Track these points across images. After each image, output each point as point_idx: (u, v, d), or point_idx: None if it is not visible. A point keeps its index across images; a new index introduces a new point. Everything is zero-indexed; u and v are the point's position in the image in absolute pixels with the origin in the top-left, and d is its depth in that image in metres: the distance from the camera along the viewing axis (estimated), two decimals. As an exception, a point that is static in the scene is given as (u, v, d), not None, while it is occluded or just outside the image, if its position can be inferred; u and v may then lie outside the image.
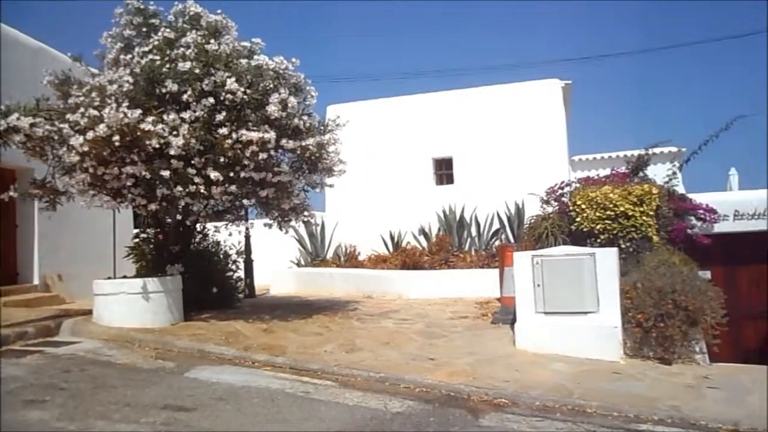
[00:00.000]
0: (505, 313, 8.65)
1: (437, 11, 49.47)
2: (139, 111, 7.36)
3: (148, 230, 10.13)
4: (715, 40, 40.18)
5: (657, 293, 7.35)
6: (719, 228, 11.21)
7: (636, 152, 11.72)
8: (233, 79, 7.81)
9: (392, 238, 13.71)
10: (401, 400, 5.76)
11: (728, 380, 6.53)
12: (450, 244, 12.92)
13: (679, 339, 7.18)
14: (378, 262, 12.99)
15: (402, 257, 12.47)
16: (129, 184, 8.00)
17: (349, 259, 13.46)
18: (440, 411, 5.54)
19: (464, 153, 15.56)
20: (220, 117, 7.83)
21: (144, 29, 8.58)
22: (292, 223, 9.99)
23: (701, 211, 10.85)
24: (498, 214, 13.11)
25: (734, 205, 11.38)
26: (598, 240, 9.27)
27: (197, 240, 10.38)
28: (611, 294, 7.43)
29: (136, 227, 11.43)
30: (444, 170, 16.00)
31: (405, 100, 16.28)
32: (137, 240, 10.28)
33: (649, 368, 6.96)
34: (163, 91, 7.83)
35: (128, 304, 8.01)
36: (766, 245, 11.41)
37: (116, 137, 7.32)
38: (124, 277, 8.78)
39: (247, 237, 12.37)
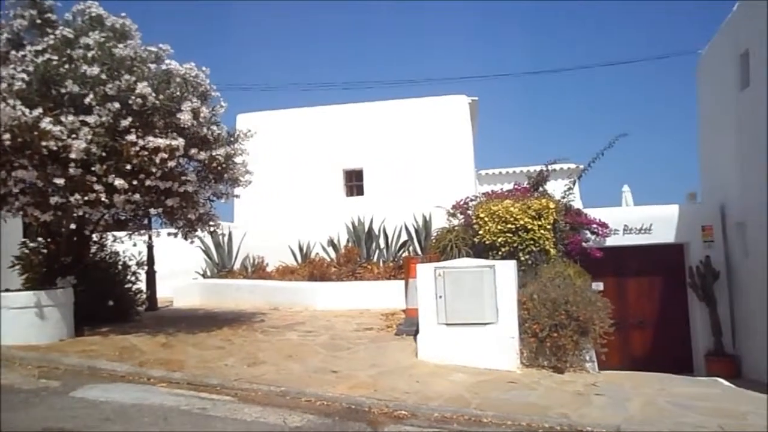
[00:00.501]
0: (410, 325, 8.76)
1: (350, 22, 49.85)
2: (39, 110, 6.96)
3: (38, 239, 9.54)
4: (621, 63, 42.65)
5: (551, 304, 7.68)
6: (611, 241, 11.88)
7: (538, 168, 12.23)
8: (144, 83, 7.53)
9: (301, 249, 13.60)
10: (301, 415, 5.71)
11: (613, 387, 6.92)
12: (358, 256, 12.96)
13: (571, 348, 7.54)
14: (286, 273, 12.84)
15: (310, 268, 12.39)
16: (16, 190, 7.52)
17: (256, 270, 13.22)
18: (340, 425, 5.53)
19: (375, 165, 15.70)
20: (125, 123, 7.52)
21: (38, 21, 8.12)
22: (198, 233, 9.74)
23: (595, 226, 11.45)
24: (406, 226, 13.29)
25: (624, 220, 12.11)
26: (500, 252, 9.58)
27: (94, 251, 9.89)
28: (510, 305, 7.70)
29: (26, 236, 10.73)
30: (354, 182, 16.06)
31: (317, 110, 16.24)
32: (24, 250, 9.66)
33: (544, 377, 7.26)
34: (62, 92, 7.44)
35: (11, 319, 7.49)
36: (653, 258, 12.22)
37: (7, 136, 6.88)
38: (7, 290, 8.20)
39: (150, 247, 11.91)
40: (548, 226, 9.71)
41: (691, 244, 11.88)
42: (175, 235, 9.36)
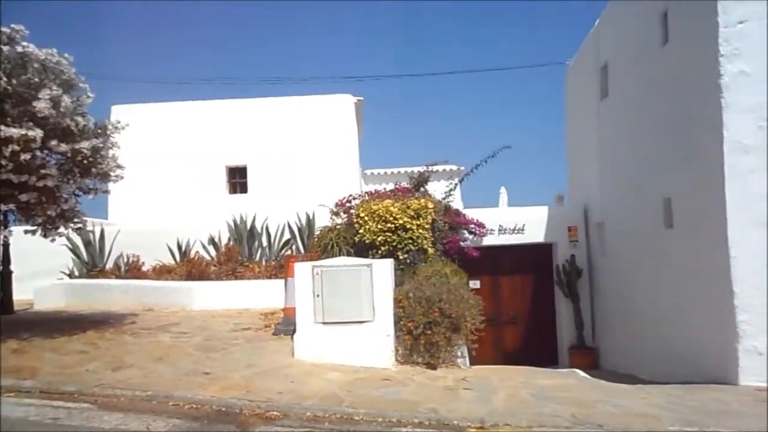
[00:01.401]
0: (288, 324, 8.68)
1: (238, 18, 48.68)
2: None
3: None
4: (499, 69, 44.62)
5: (426, 302, 7.88)
6: (487, 241, 12.41)
7: (421, 169, 12.53)
8: (-6, 66, 6.92)
9: (179, 247, 13.08)
10: (167, 420, 5.49)
11: (481, 381, 7.21)
12: (240, 254, 12.67)
13: (443, 345, 7.77)
14: (162, 272, 12.30)
15: (188, 267, 11.94)
16: None
17: (130, 270, 12.55)
18: (208, 428, 5.38)
19: (259, 162, 15.45)
20: (-32, 108, 6.88)
21: None
22: (61, 230, 9.08)
23: (472, 226, 11.90)
24: (289, 225, 13.16)
25: (499, 220, 12.70)
26: (380, 251, 9.71)
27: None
28: (386, 304, 7.83)
29: None
30: (238, 179, 15.73)
31: (199, 105, 15.74)
32: None
33: (417, 373, 7.44)
34: None
35: None
36: (525, 257, 12.91)
37: None
38: None
39: (5, 246, 10.98)
40: (427, 226, 9.96)
41: (559, 244, 12.67)
42: (33, 232, 8.68)
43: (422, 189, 11.89)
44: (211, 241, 13.16)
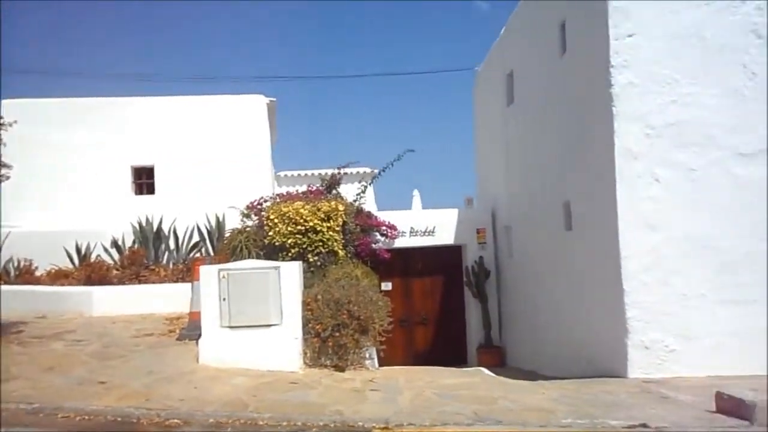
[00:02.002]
0: (193, 329, 8.43)
1: (152, 17, 46.93)
2: None
3: None
4: (413, 73, 45.27)
5: (335, 304, 7.89)
6: (399, 243, 12.56)
7: (333, 171, 12.52)
8: None
9: (78, 251, 12.42)
10: (54, 433, 5.20)
11: (388, 382, 7.28)
12: (145, 258, 12.19)
13: (352, 347, 7.80)
14: (59, 277, 11.63)
15: (87, 272, 11.35)
16: None
17: (21, 275, 11.78)
18: (101, 440, 5.13)
19: (168, 163, 14.94)
20: None
21: None
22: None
23: (384, 228, 12.01)
24: (198, 227, 12.79)
25: (411, 222, 12.88)
26: (290, 254, 9.62)
27: None
28: (294, 306, 7.77)
29: None
30: (145, 179, 15.14)
31: (102, 101, 15.03)
32: None
33: (325, 376, 7.42)
34: None
35: None
36: (436, 258, 13.15)
37: None
38: None
39: None
40: (337, 228, 9.97)
41: (468, 246, 12.99)
42: None
43: (334, 191, 11.88)
44: (114, 244, 12.58)
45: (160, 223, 12.78)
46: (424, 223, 12.88)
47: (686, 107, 7.70)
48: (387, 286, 12.60)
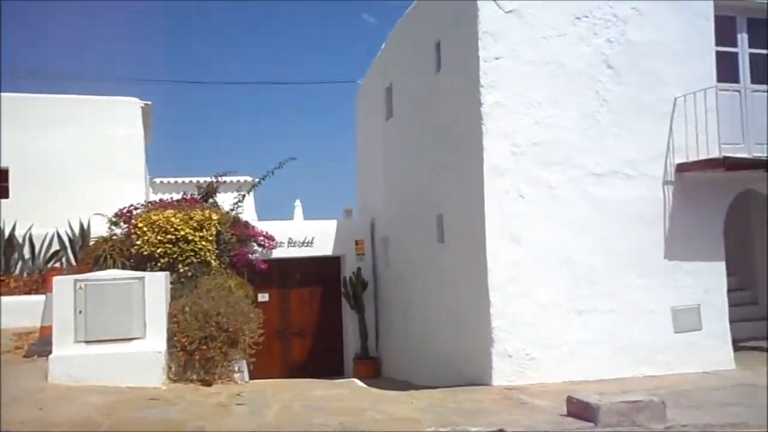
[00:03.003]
0: (44, 344, 7.78)
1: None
2: None
3: None
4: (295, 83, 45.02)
5: (203, 316, 7.60)
6: (277, 254, 12.39)
7: (209, 179, 12.12)
8: None
9: None
10: None
11: (257, 396, 7.10)
12: (-6, 267, 11.15)
13: (220, 360, 7.54)
14: None
15: None
16: None
17: None
18: None
19: (26, 165, 13.80)
20: None
21: None
22: None
23: (262, 238, 11.81)
24: (59, 235, 11.90)
25: (290, 233, 12.75)
26: (159, 264, 9.18)
27: None
28: (159, 319, 7.41)
29: None
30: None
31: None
32: None
33: (190, 391, 7.11)
34: None
35: None
36: (314, 270, 13.10)
37: None
38: None
39: None
40: (210, 238, 9.64)
41: (347, 257, 13.06)
42: None
43: (211, 200, 11.53)
44: (-43, 251, 11.41)
45: (13, 229, 11.76)
46: (303, 234, 12.81)
47: (548, 128, 8.21)
48: (264, 297, 12.38)
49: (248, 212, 14.08)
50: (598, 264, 8.28)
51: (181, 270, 9.23)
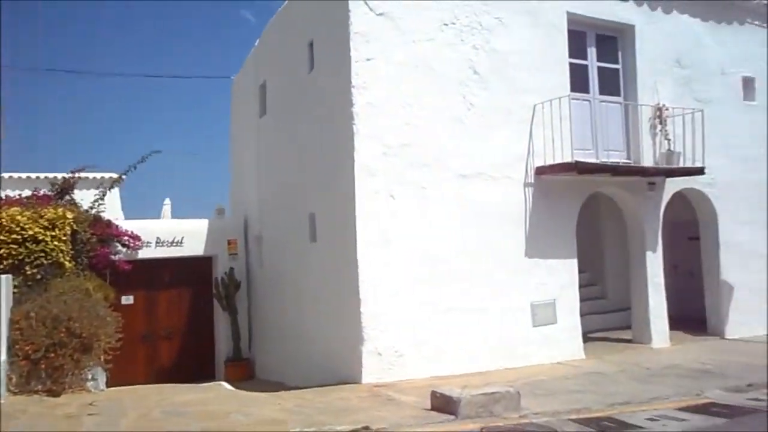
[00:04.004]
0: None
1: None
2: None
3: None
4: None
5: (52, 322, 7.03)
6: (144, 254, 11.75)
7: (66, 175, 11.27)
8: None
9: None
10: None
11: (112, 404, 6.68)
12: None
13: (70, 368, 7.02)
14: None
15: None
16: None
17: None
18: None
19: None
20: None
21: None
22: None
23: (126, 238, 11.16)
24: None
25: (157, 232, 12.14)
26: (2, 265, 8.38)
27: None
28: (-1, 326, 6.76)
29: None
30: None
31: None
32: None
33: (33, 403, 6.55)
34: None
35: None
36: (184, 270, 12.56)
37: None
38: None
39: None
40: (64, 237, 8.94)
41: (219, 257, 12.66)
42: None
43: (67, 197, 10.73)
44: None
45: None
46: (172, 234, 12.25)
47: (418, 130, 8.41)
48: (128, 299, 11.72)
49: (113, 211, 13.22)
50: (464, 263, 8.59)
51: (29, 272, 8.48)
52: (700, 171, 10.19)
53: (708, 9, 11.08)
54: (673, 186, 10.51)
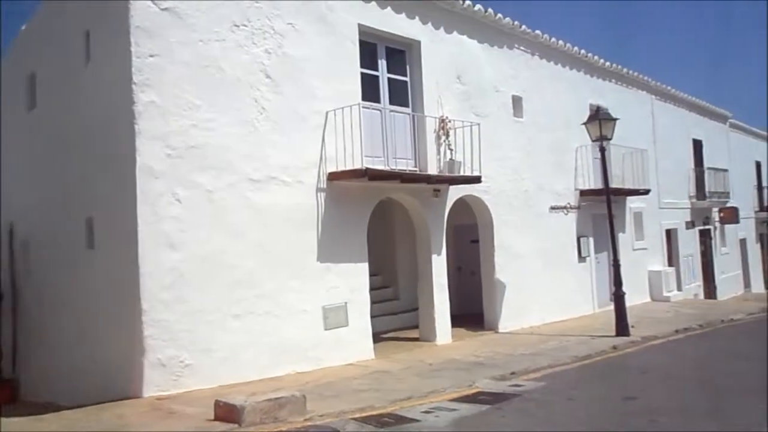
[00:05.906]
0: None
1: None
2: None
3: None
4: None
5: None
6: None
7: None
8: None
9: None
10: None
11: None
12: None
13: None
14: None
15: None
16: None
17: None
18: None
19: None
20: None
21: None
22: None
23: None
24: None
25: None
26: None
27: None
28: None
29: None
30: None
31: None
32: None
33: None
34: None
35: None
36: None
37: None
38: None
39: None
40: None
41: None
42: None
43: None
44: None
45: None
46: None
47: (206, 132, 8.12)
48: None
49: None
50: (255, 268, 8.48)
51: None
52: (477, 179, 11.18)
53: (484, 32, 12.23)
54: (456, 193, 11.41)
